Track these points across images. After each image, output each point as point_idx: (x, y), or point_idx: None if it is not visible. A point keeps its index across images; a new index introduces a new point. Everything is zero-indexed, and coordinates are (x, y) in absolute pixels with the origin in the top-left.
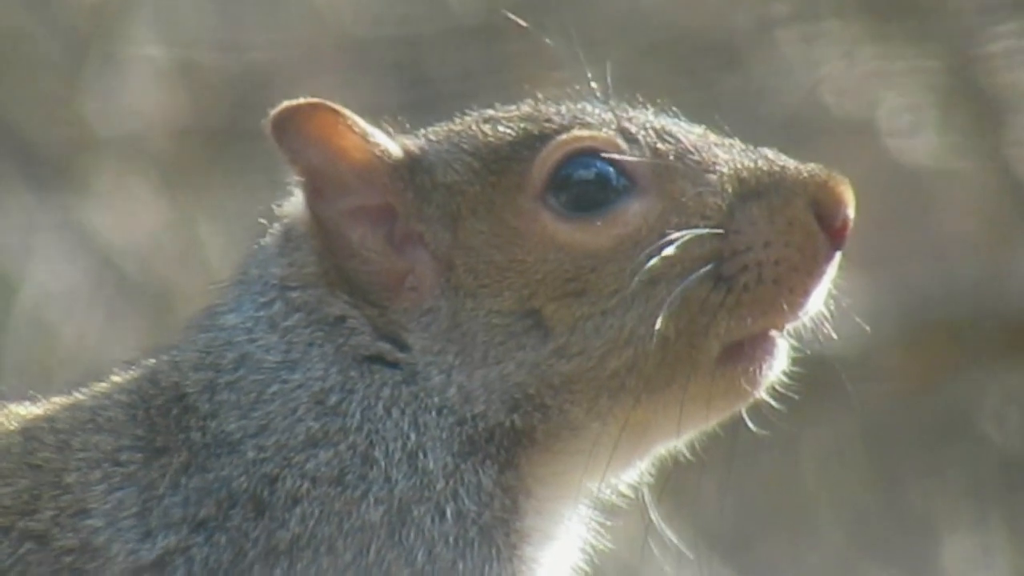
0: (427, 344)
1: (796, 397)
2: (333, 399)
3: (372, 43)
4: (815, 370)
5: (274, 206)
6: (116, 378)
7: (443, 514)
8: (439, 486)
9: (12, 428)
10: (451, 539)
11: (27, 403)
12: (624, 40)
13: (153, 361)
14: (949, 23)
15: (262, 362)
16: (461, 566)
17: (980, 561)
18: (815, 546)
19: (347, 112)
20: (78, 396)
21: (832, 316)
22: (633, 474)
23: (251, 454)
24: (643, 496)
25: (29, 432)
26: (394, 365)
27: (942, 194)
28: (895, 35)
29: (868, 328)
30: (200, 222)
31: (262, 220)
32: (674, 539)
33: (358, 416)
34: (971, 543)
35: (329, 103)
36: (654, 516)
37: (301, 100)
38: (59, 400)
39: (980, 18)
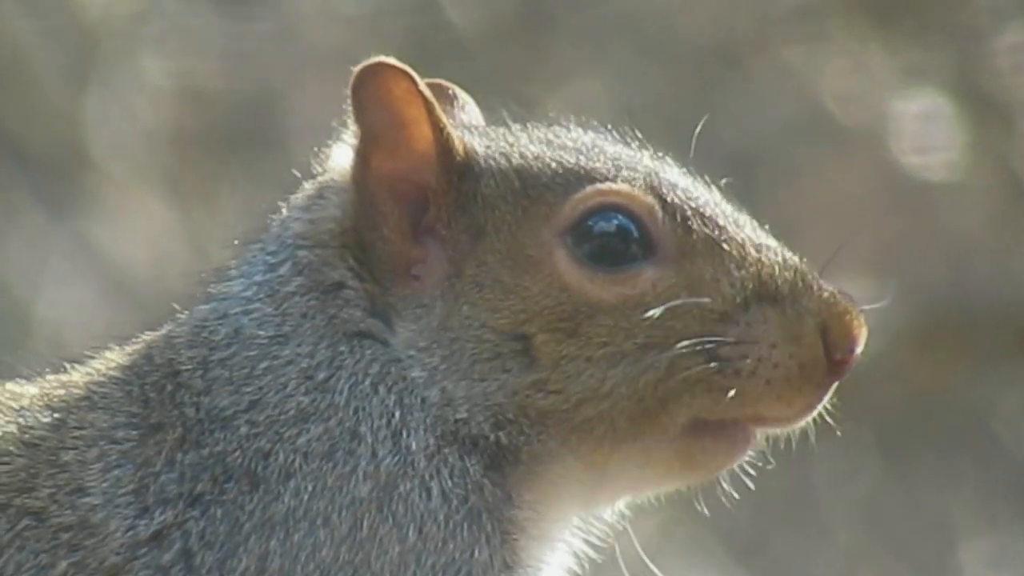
0: (412, 337)
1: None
2: (321, 375)
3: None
4: None
5: (321, 151)
6: (111, 355)
7: (429, 492)
8: (421, 465)
9: (7, 406)
10: (440, 518)
11: (21, 381)
12: (625, 43)
13: (149, 336)
14: (956, 25)
15: (254, 338)
16: (451, 546)
17: (994, 562)
18: (829, 547)
19: (430, 94)
20: (72, 374)
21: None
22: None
23: (244, 429)
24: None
25: (24, 411)
26: (384, 344)
27: (953, 196)
28: (901, 38)
29: (881, 331)
30: (211, 237)
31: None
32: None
33: (346, 393)
34: (986, 544)
35: (418, 78)
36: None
37: (395, 62)
38: (53, 378)
39: (987, 20)
